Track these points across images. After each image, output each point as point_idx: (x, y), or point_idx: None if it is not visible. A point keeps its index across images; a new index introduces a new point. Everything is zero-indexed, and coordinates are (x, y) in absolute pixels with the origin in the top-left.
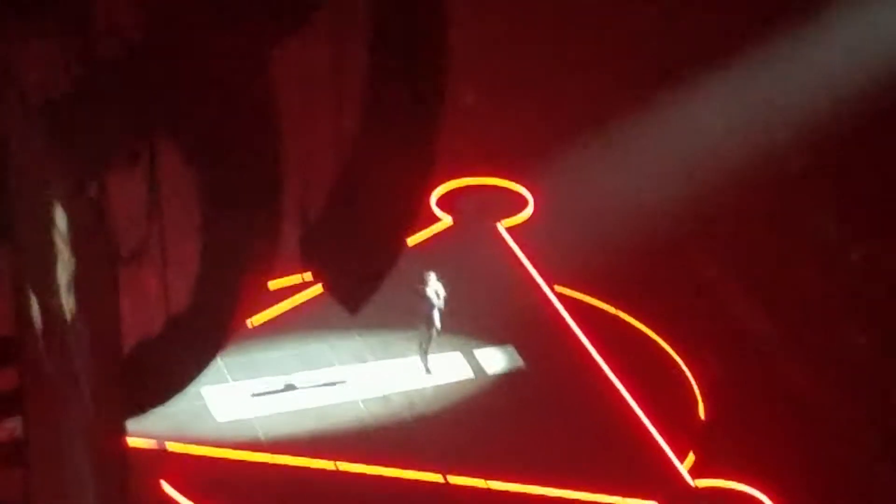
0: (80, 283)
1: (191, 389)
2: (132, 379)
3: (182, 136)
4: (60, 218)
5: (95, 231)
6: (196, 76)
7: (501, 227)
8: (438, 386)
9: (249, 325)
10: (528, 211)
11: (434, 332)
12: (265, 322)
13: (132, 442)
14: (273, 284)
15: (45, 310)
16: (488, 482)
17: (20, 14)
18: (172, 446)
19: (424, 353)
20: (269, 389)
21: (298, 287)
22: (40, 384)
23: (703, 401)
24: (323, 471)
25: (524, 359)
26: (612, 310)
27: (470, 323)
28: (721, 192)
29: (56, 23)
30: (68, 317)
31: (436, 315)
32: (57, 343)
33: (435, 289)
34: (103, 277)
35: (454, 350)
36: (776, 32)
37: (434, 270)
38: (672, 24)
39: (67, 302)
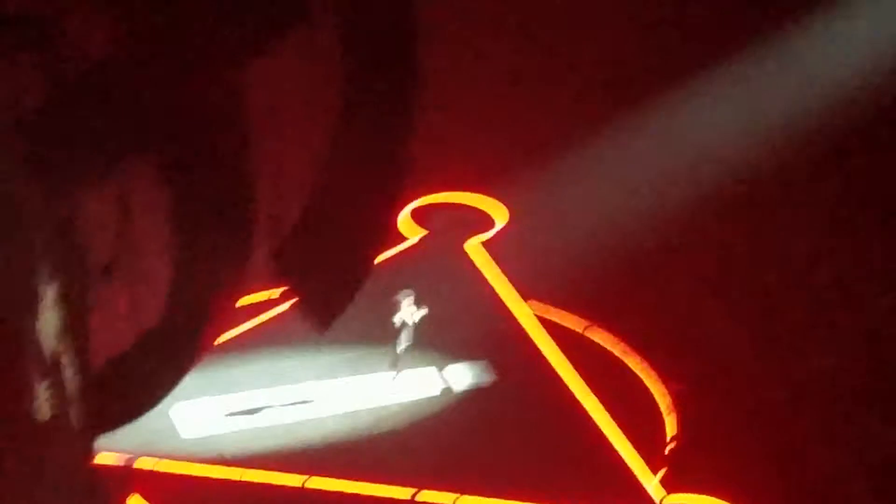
0: (49, 299)
1: (160, 406)
2: (101, 396)
3: (152, 153)
4: (31, 236)
5: (65, 248)
6: (166, 93)
7: (474, 241)
8: (408, 402)
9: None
10: (501, 225)
11: (403, 351)
12: (234, 338)
13: (100, 458)
14: (242, 301)
15: (14, 327)
16: (458, 497)
17: None
18: (141, 462)
19: (394, 371)
20: (237, 406)
21: (268, 304)
22: (8, 401)
23: (676, 415)
24: (291, 487)
25: (495, 374)
26: (584, 323)
27: (441, 338)
28: (696, 207)
29: (25, 40)
30: (37, 333)
31: (405, 334)
32: (25, 359)
33: (409, 309)
34: (74, 294)
35: (425, 365)
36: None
37: (409, 288)
38: (648, 35)
39: (37, 318)
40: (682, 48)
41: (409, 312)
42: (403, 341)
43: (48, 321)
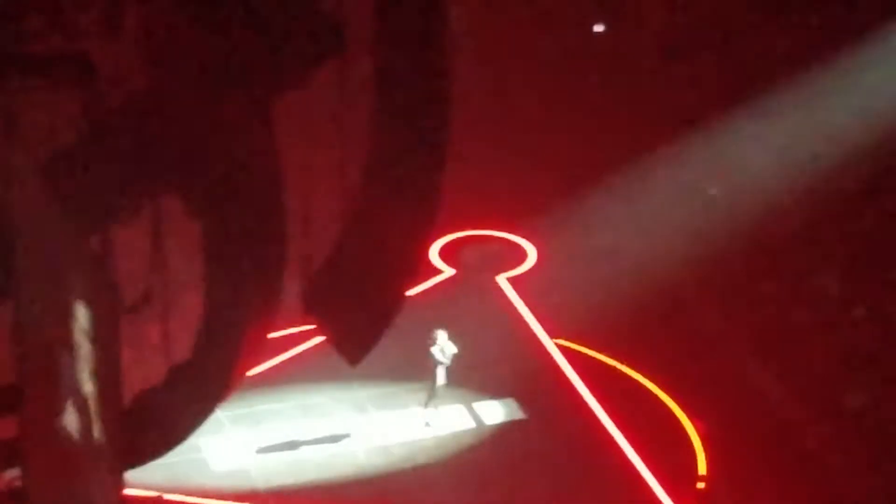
0: (81, 333)
1: (190, 440)
2: (132, 429)
3: (186, 188)
4: (63, 270)
5: (98, 282)
6: (200, 129)
7: (503, 279)
8: (439, 437)
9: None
10: (530, 263)
11: (438, 389)
12: (265, 372)
13: (130, 492)
14: (274, 335)
15: (48, 361)
16: None
17: (24, 67)
18: (171, 497)
19: (425, 407)
20: (268, 440)
21: (299, 337)
22: (40, 436)
23: (705, 455)
24: None
25: (525, 412)
26: (613, 363)
27: (471, 375)
28: (724, 246)
29: (60, 76)
30: (70, 367)
31: (440, 372)
32: (58, 395)
33: (442, 346)
34: (105, 328)
35: (455, 402)
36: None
37: (443, 327)
38: (677, 72)
39: (70, 352)
40: (713, 85)
41: (444, 349)
42: (441, 378)
43: (80, 355)
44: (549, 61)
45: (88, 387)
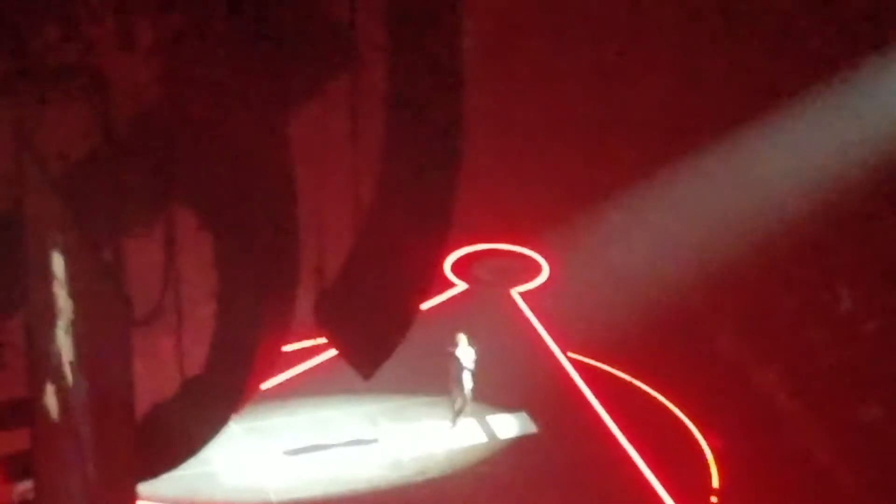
0: (94, 347)
1: (203, 453)
2: (145, 442)
3: (199, 201)
4: (75, 283)
5: (110, 295)
6: (213, 143)
7: (516, 293)
8: (451, 451)
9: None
10: (543, 277)
11: (467, 394)
12: (278, 386)
13: None
14: (287, 348)
15: (59, 374)
16: None
17: (38, 80)
18: None
19: (457, 414)
20: (281, 454)
21: (312, 351)
22: (51, 448)
23: (718, 469)
24: None
25: (537, 425)
26: (625, 377)
27: (483, 389)
28: (736, 260)
29: (74, 89)
30: (82, 381)
31: (466, 376)
32: (69, 407)
33: (465, 351)
34: (118, 341)
35: (467, 416)
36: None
37: (463, 332)
38: (692, 91)
39: (82, 366)
40: (727, 102)
41: (466, 354)
42: (469, 382)
43: (92, 368)
44: (563, 78)
45: (100, 400)
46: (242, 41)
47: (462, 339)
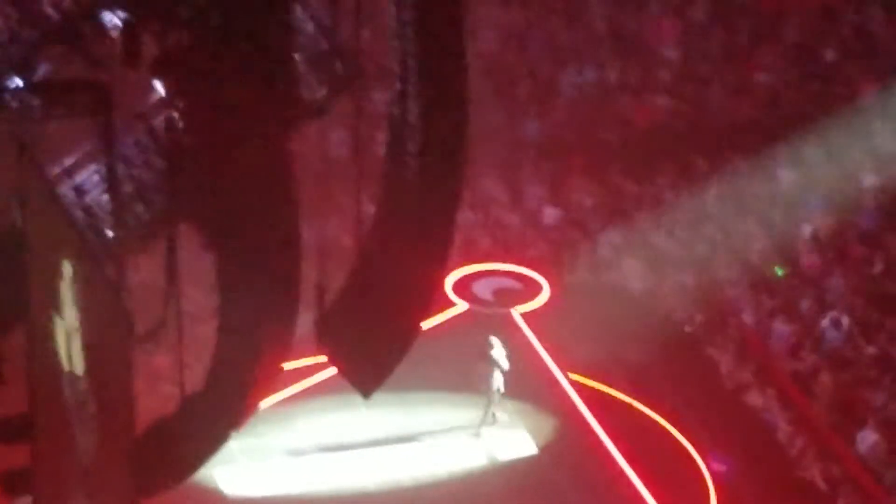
0: (96, 363)
1: (203, 471)
2: (144, 459)
3: (201, 218)
4: (78, 299)
5: (113, 311)
6: (216, 160)
7: (516, 313)
8: (449, 471)
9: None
10: (544, 298)
11: (497, 394)
12: (278, 403)
13: None
14: (287, 366)
15: (59, 390)
16: None
17: (42, 95)
18: None
19: (486, 417)
20: (281, 470)
21: (312, 369)
22: (51, 464)
23: (716, 492)
24: None
25: (536, 446)
26: (626, 398)
27: (483, 408)
28: (737, 283)
29: (78, 104)
30: (83, 397)
31: (498, 378)
32: (70, 423)
33: (498, 354)
34: (119, 357)
35: (467, 435)
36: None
37: (496, 335)
38: (697, 112)
39: (81, 381)
40: (726, 123)
41: (499, 355)
42: (499, 384)
43: (93, 384)
44: (565, 97)
45: (100, 416)
46: (246, 59)
47: (496, 342)
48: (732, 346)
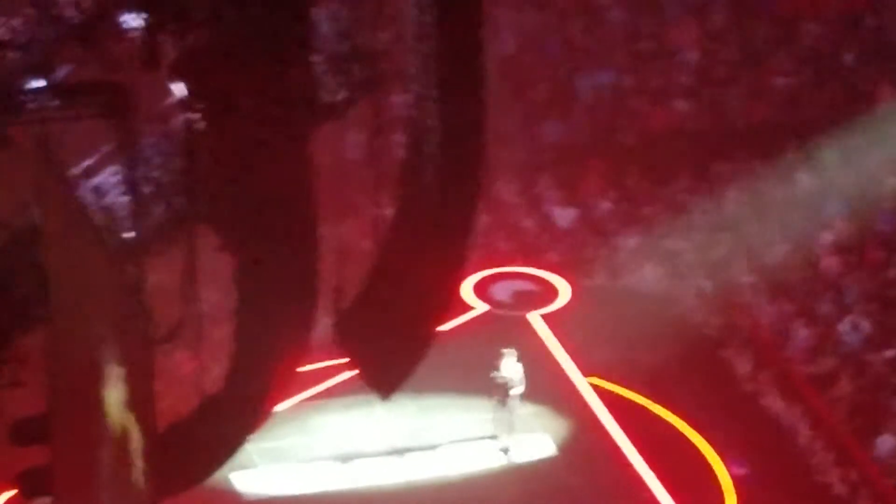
0: (115, 364)
1: (220, 473)
2: (162, 461)
3: (219, 219)
4: (96, 300)
5: (133, 312)
6: (234, 161)
7: (535, 316)
8: (467, 473)
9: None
10: (563, 301)
11: (513, 407)
12: (296, 406)
13: None
14: (304, 368)
15: (78, 390)
16: None
17: (62, 96)
18: None
19: (505, 428)
20: (298, 474)
21: (329, 372)
22: (69, 465)
23: (736, 497)
24: None
25: (555, 449)
26: (645, 402)
27: (501, 412)
28: (755, 286)
29: (96, 106)
30: (102, 397)
31: (515, 391)
32: (89, 423)
33: (513, 365)
34: (139, 359)
35: (486, 438)
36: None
37: (511, 347)
38: (715, 116)
39: (101, 383)
40: (747, 130)
41: (513, 369)
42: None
43: (112, 385)
44: (583, 100)
45: (120, 417)
46: (264, 61)
47: (511, 353)
48: (751, 349)
